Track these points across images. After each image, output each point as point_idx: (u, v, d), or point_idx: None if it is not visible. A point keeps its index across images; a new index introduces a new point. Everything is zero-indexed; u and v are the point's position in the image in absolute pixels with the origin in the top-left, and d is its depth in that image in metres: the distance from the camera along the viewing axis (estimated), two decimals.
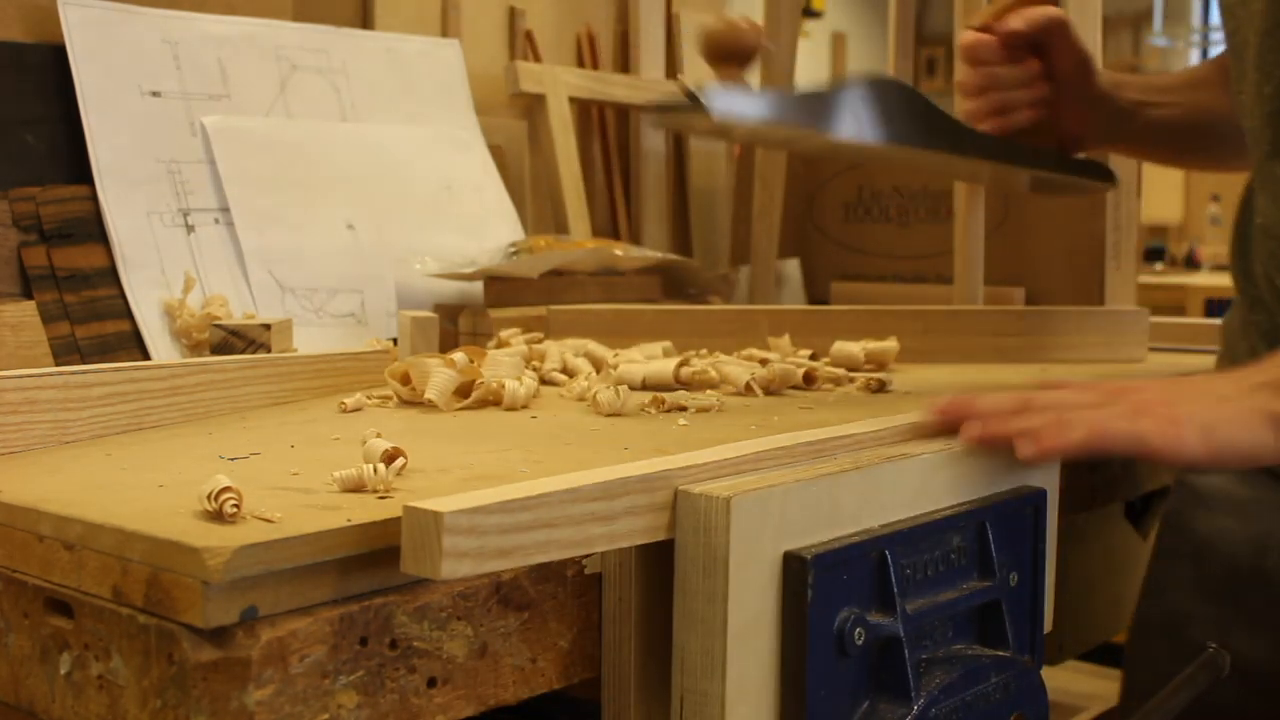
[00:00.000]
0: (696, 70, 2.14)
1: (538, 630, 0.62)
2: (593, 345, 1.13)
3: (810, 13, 5.83)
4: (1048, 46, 1.10)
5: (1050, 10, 1.08)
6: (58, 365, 1.08)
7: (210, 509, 0.56)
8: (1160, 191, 5.60)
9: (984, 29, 1.09)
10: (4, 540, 0.60)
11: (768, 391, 0.99)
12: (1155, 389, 0.73)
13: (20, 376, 0.77)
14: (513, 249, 1.41)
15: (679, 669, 0.62)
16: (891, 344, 1.14)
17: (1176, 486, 1.10)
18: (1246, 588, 0.98)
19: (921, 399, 0.88)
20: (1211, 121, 1.15)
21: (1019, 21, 1.07)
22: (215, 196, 1.26)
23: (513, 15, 1.87)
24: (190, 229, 1.23)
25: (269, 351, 1.06)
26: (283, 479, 0.66)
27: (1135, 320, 1.26)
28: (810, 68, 6.34)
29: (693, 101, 0.74)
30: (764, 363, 1.07)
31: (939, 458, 0.72)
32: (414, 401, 0.93)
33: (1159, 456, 0.70)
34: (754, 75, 1.06)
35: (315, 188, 1.33)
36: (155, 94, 1.25)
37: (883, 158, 1.30)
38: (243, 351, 1.05)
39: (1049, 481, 0.80)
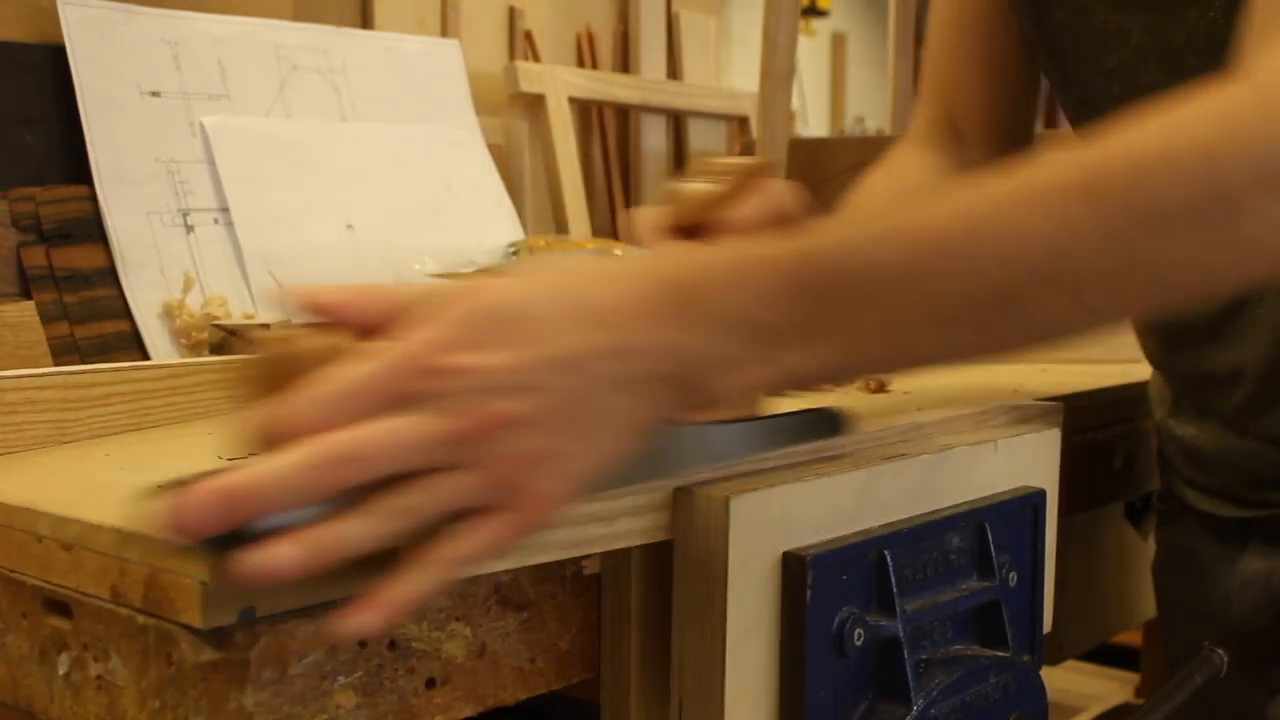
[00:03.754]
0: (696, 72, 2.15)
1: (537, 631, 0.62)
2: None
3: (816, 11, 5.82)
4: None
5: (782, 206, 0.79)
6: (57, 365, 1.08)
7: None
8: None
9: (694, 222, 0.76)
10: (2, 540, 0.60)
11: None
12: (529, 416, 0.48)
13: (20, 376, 0.77)
14: (512, 249, 1.41)
15: (678, 669, 0.62)
16: None
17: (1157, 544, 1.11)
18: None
19: (924, 398, 0.88)
20: None
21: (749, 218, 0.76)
22: (215, 196, 1.26)
23: (513, 15, 1.87)
24: (190, 229, 1.23)
25: None
26: None
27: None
28: (810, 68, 6.35)
29: None
30: None
31: (939, 458, 0.72)
32: None
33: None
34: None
35: (315, 188, 1.33)
36: (155, 94, 1.25)
37: None
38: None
39: (1049, 481, 0.80)
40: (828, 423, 0.70)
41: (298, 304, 0.50)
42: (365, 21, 1.65)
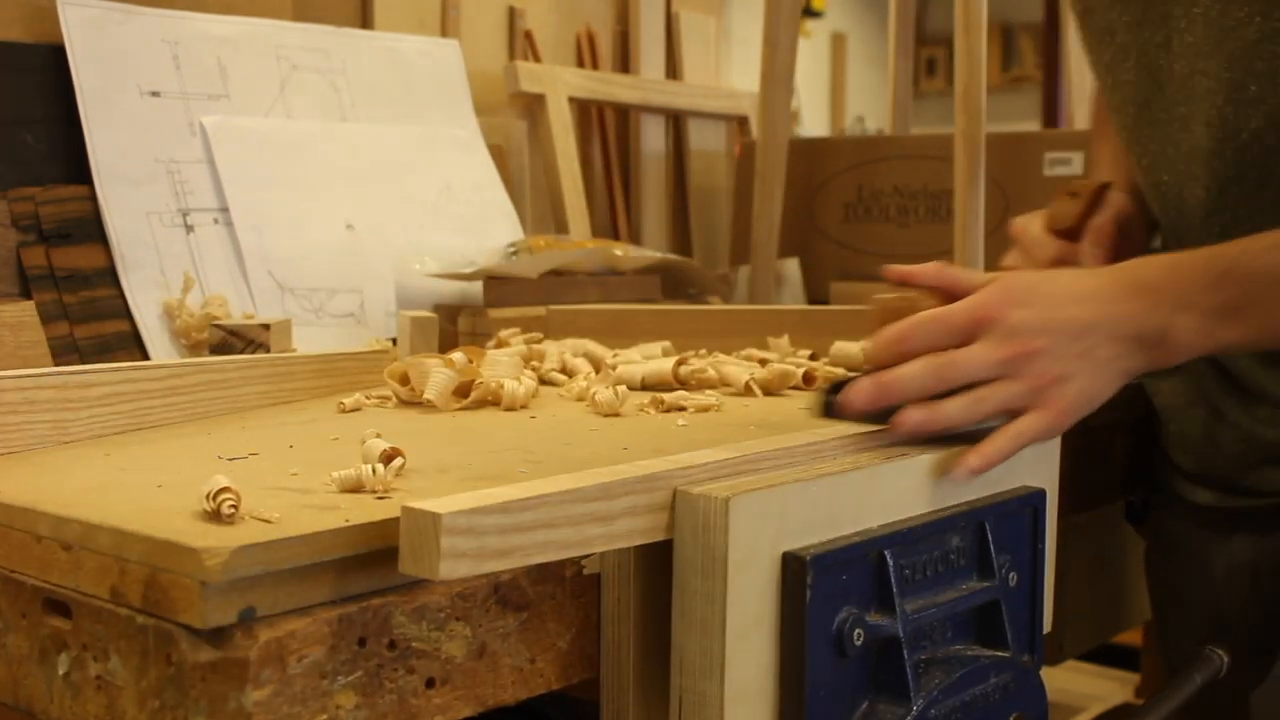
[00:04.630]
0: (696, 72, 2.14)
1: (536, 631, 0.62)
2: (592, 345, 1.13)
3: (811, 12, 5.82)
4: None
5: (1120, 213, 1.02)
6: (57, 365, 1.08)
7: (209, 509, 0.56)
8: None
9: (1063, 231, 1.02)
10: (2, 540, 0.60)
11: (767, 392, 0.99)
12: (1051, 349, 0.74)
13: (19, 376, 0.77)
14: (512, 249, 1.41)
15: (678, 669, 0.62)
16: None
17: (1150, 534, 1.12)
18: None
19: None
20: None
21: (1099, 249, 1.00)
22: (215, 196, 1.26)
23: (513, 15, 1.87)
24: (189, 229, 1.23)
25: (268, 351, 1.06)
26: (281, 479, 0.66)
27: None
28: (810, 68, 6.34)
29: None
30: (764, 363, 1.06)
31: (939, 457, 0.72)
32: (413, 402, 0.93)
33: (1047, 439, 0.76)
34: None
35: (315, 188, 1.33)
36: (155, 94, 1.25)
37: None
38: (242, 351, 1.05)
39: (1049, 481, 0.80)
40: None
41: (897, 276, 0.79)
42: (365, 21, 1.65)
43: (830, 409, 0.75)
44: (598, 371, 1.06)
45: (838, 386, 0.76)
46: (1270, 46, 0.88)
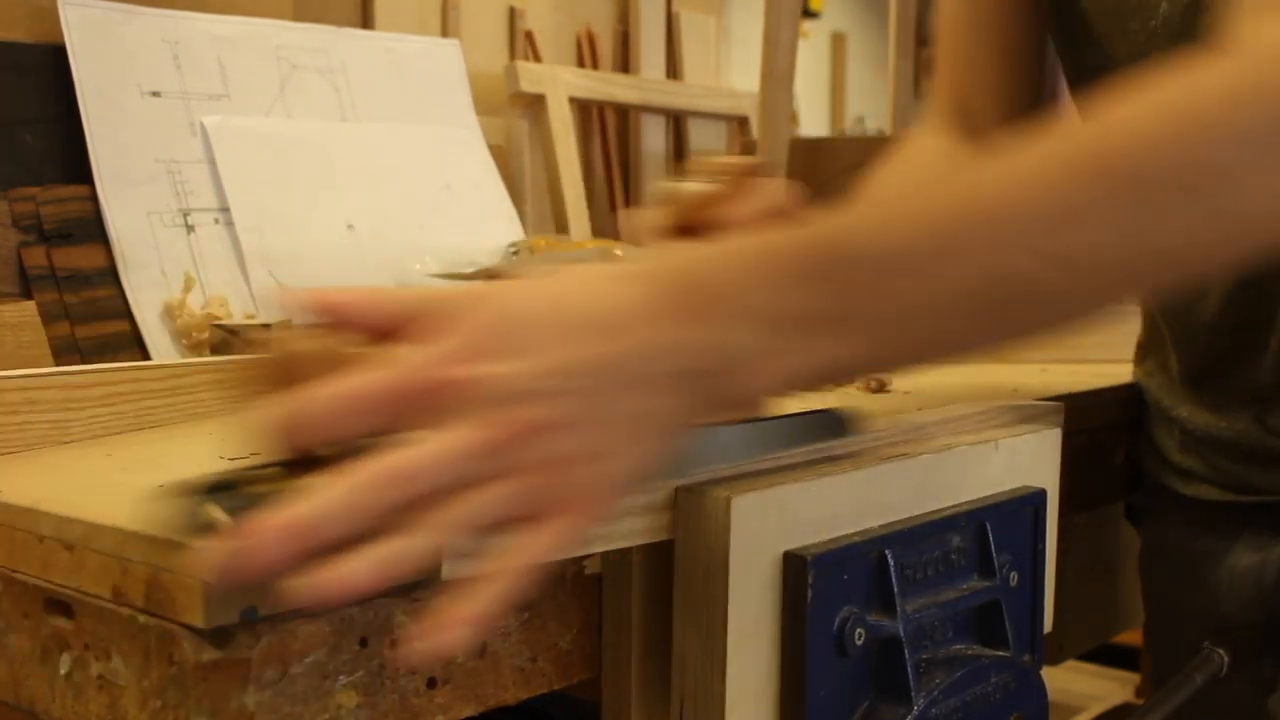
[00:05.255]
0: (697, 72, 2.15)
1: (538, 630, 0.62)
2: None
3: (809, 13, 5.83)
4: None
5: (778, 205, 0.75)
6: (58, 365, 1.08)
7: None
8: None
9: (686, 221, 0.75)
10: (4, 540, 0.60)
11: None
12: (561, 418, 0.49)
13: (20, 376, 0.77)
14: (513, 249, 1.41)
15: (679, 669, 0.62)
16: None
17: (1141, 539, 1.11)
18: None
19: (925, 398, 0.88)
20: None
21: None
22: (215, 196, 1.26)
23: (513, 15, 1.87)
24: (190, 229, 1.23)
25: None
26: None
27: (1134, 320, 1.26)
28: (811, 68, 6.34)
29: None
30: None
31: (939, 458, 0.72)
32: None
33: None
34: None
35: (315, 188, 1.33)
36: (155, 94, 1.25)
37: None
38: (243, 351, 1.05)
39: (1049, 481, 0.80)
40: (834, 424, 0.69)
41: (303, 305, 0.50)
42: (365, 21, 1.65)
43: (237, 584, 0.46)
44: None
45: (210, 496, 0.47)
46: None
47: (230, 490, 0.48)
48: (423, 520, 0.46)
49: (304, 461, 0.48)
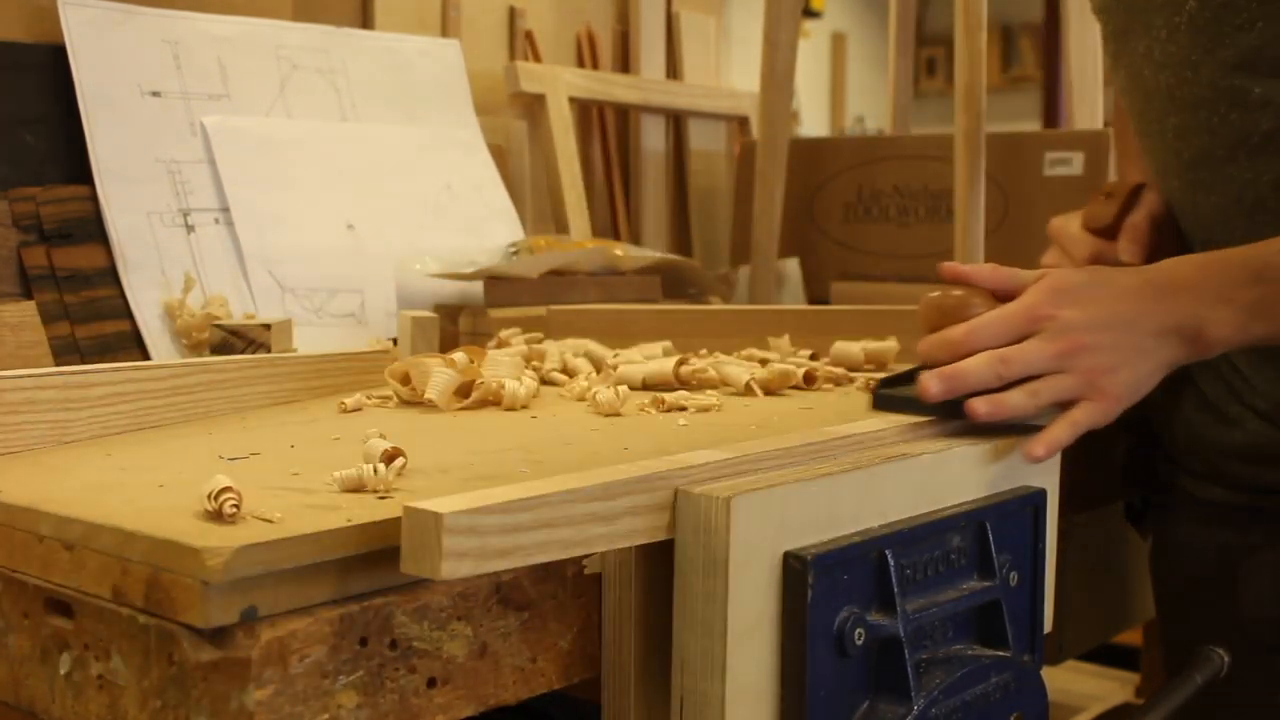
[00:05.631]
0: (697, 72, 2.14)
1: (538, 630, 0.62)
2: (592, 345, 1.13)
3: (810, 13, 5.83)
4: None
5: (1154, 211, 1.04)
6: (58, 365, 1.08)
7: (210, 509, 0.56)
8: None
9: (1098, 230, 1.05)
10: (4, 540, 0.60)
11: (767, 391, 0.99)
12: (1099, 344, 0.80)
13: (20, 376, 0.77)
14: (513, 249, 1.41)
15: (679, 669, 0.62)
16: (891, 344, 1.14)
17: (1153, 535, 1.12)
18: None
19: None
20: None
21: (1134, 246, 1.02)
22: (215, 196, 1.26)
23: (513, 15, 1.87)
24: (190, 229, 1.23)
25: (269, 351, 1.06)
26: (283, 479, 0.66)
27: None
28: (810, 68, 6.34)
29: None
30: (764, 363, 1.07)
31: (939, 458, 0.72)
32: (414, 401, 0.93)
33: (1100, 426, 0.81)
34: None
35: (315, 188, 1.33)
36: (155, 94, 1.25)
37: None
38: (243, 351, 1.05)
39: (1049, 481, 0.80)
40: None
41: (951, 275, 0.84)
42: (365, 21, 1.65)
43: (882, 401, 0.81)
44: (599, 371, 1.06)
45: (888, 381, 0.84)
46: (1274, 47, 0.88)
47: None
48: (1022, 388, 0.78)
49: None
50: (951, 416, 0.78)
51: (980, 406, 0.77)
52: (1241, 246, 0.86)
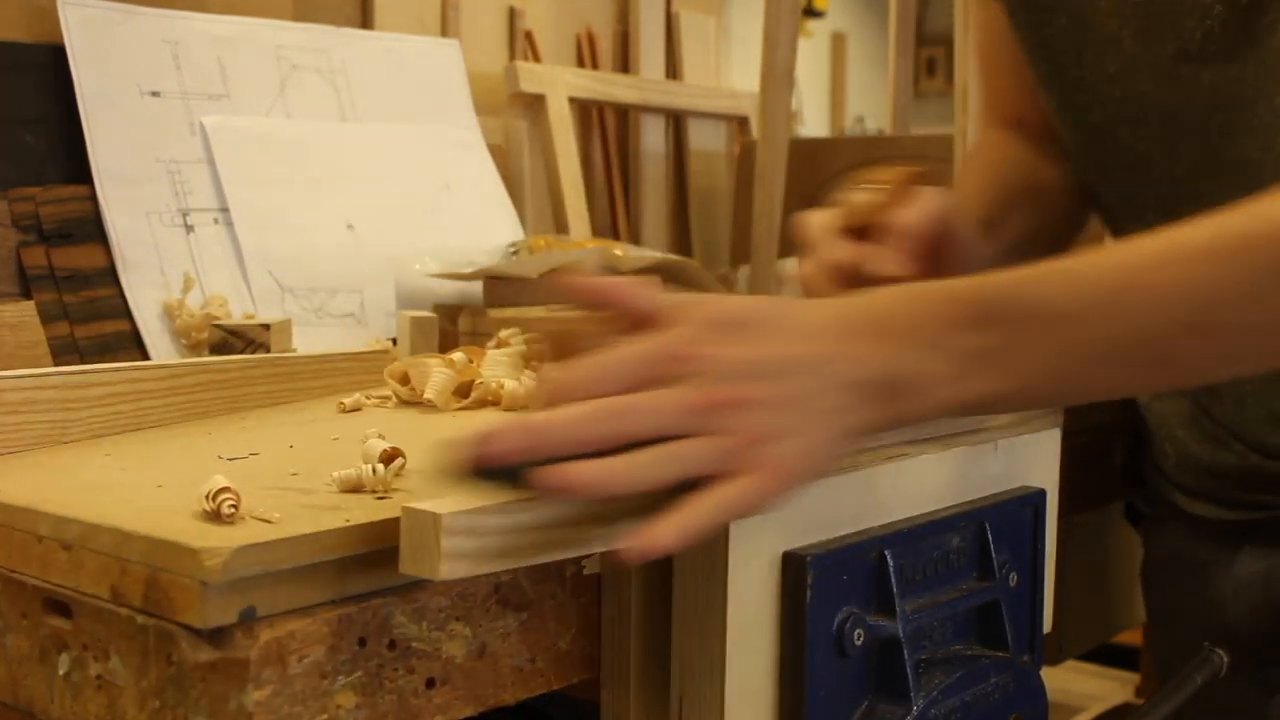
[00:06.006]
0: (697, 72, 2.14)
1: (537, 631, 0.62)
2: None
3: (813, 12, 5.83)
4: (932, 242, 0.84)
5: (938, 212, 0.82)
6: (57, 365, 1.08)
7: (208, 509, 0.56)
8: None
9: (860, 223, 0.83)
10: (2, 540, 0.60)
11: None
12: (761, 399, 0.57)
13: (20, 376, 0.77)
14: (512, 249, 1.41)
15: (678, 669, 0.62)
16: None
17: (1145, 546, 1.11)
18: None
19: None
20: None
21: (902, 253, 0.81)
22: (215, 196, 1.26)
23: (513, 15, 1.87)
24: (190, 229, 1.23)
25: (268, 351, 1.06)
26: (282, 479, 0.66)
27: None
28: (811, 68, 6.34)
29: None
30: None
31: (939, 458, 0.72)
32: (413, 401, 0.93)
33: (757, 512, 0.59)
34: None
35: (315, 188, 1.33)
36: (155, 94, 1.25)
37: None
38: (242, 352, 1.05)
39: (1049, 481, 0.80)
40: None
41: (583, 292, 0.62)
42: (365, 21, 1.65)
43: (461, 475, 0.54)
44: None
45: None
46: None
47: None
48: (648, 451, 0.55)
49: None
50: (551, 494, 0.54)
51: (580, 473, 0.53)
52: (974, 275, 0.65)
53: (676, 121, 2.08)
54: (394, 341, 1.16)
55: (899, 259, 0.79)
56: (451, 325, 1.32)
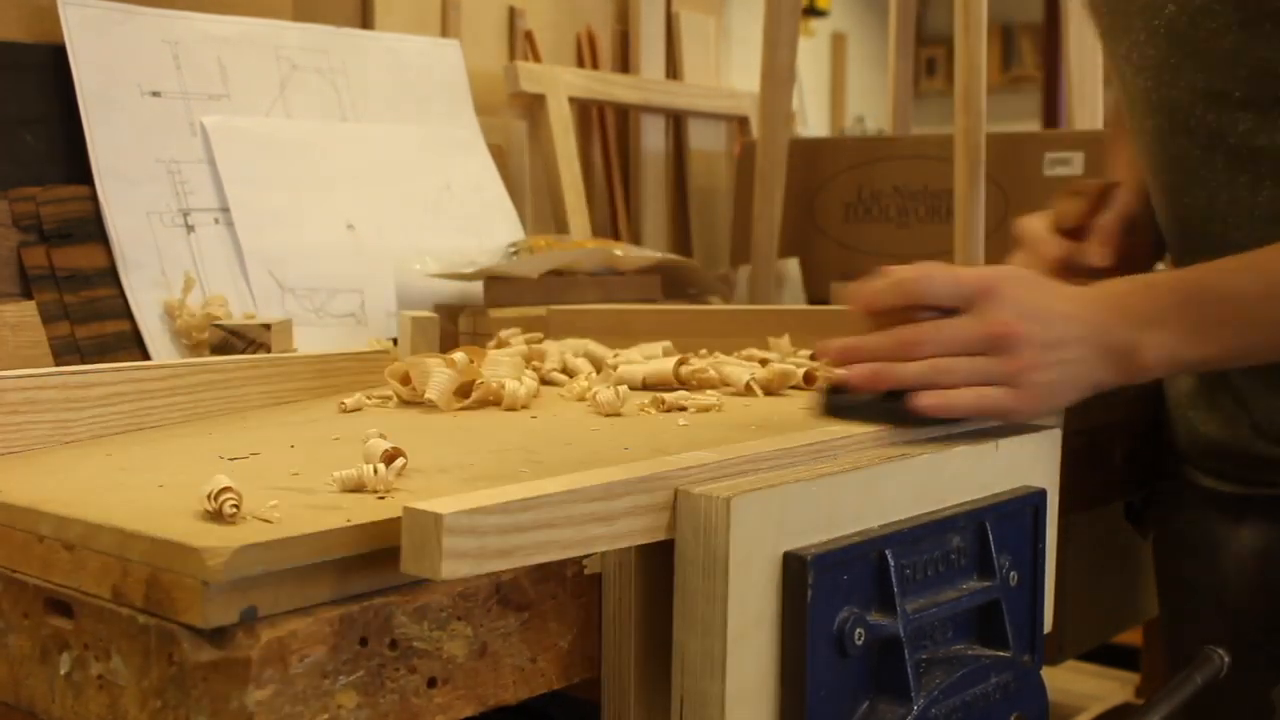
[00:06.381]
0: (697, 72, 2.14)
1: (538, 630, 0.62)
2: (592, 345, 1.13)
3: (815, 11, 5.82)
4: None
5: (1126, 212, 1.02)
6: (58, 365, 1.08)
7: (210, 509, 0.56)
8: None
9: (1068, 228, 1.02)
10: (4, 540, 0.60)
11: (767, 391, 0.99)
12: (1030, 338, 0.76)
13: (21, 376, 0.77)
14: (512, 249, 1.41)
15: (679, 669, 0.62)
16: None
17: (1157, 527, 1.13)
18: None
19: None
20: None
21: (1104, 247, 1.00)
22: (215, 196, 1.26)
23: (513, 15, 1.87)
24: (190, 229, 1.23)
25: (269, 351, 1.06)
26: (283, 479, 0.66)
27: None
28: (811, 67, 6.34)
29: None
30: (764, 363, 1.07)
31: (939, 458, 0.72)
32: (414, 401, 0.93)
33: (1011, 420, 0.78)
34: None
35: (315, 188, 1.33)
36: (155, 94, 1.25)
37: None
38: (243, 351, 1.05)
39: (1049, 481, 0.80)
40: None
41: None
42: (365, 21, 1.65)
43: (831, 408, 0.77)
44: (599, 371, 1.06)
45: (838, 388, 0.77)
46: (1251, 53, 0.88)
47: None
48: (969, 387, 0.75)
49: None
50: (902, 422, 0.74)
51: (925, 399, 0.73)
52: (1180, 269, 0.85)
53: (676, 121, 2.08)
54: (394, 341, 1.16)
55: (1102, 253, 0.99)
56: (452, 325, 1.32)
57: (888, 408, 0.75)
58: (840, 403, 0.77)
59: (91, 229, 1.16)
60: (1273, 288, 0.83)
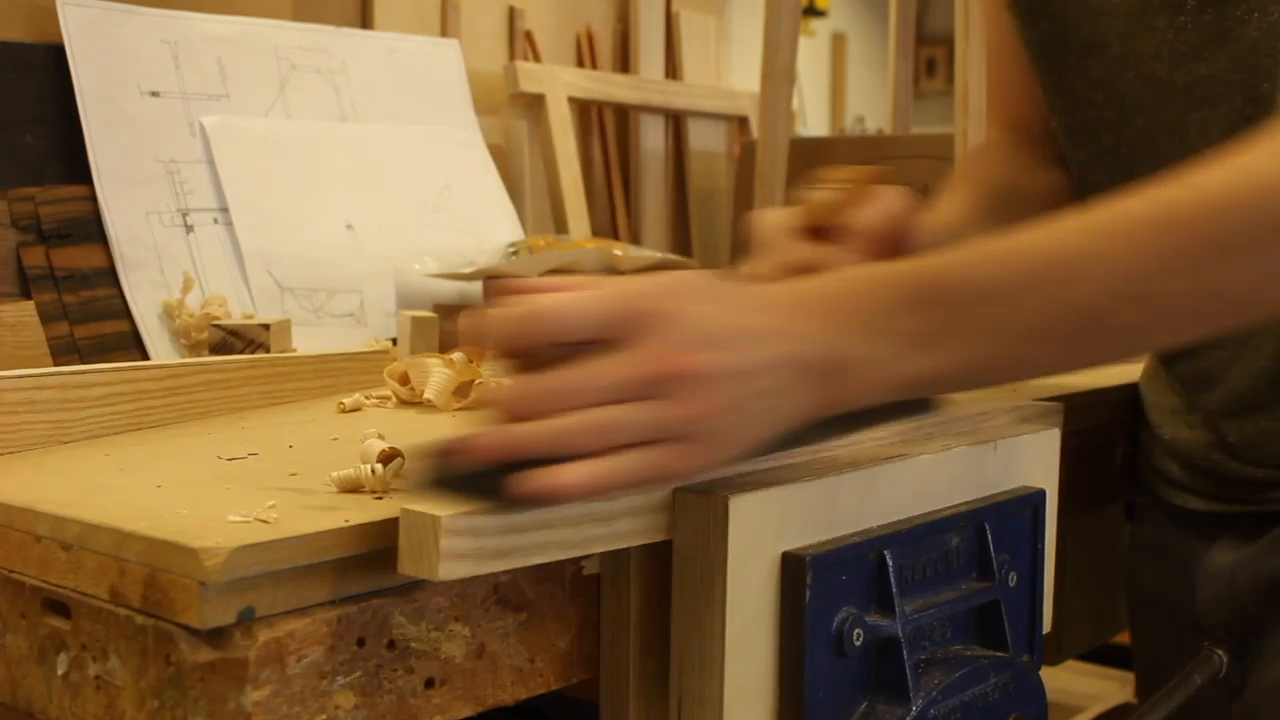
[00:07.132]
0: (696, 72, 2.15)
1: (536, 631, 0.62)
2: None
3: (815, 11, 5.83)
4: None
5: (896, 211, 0.80)
6: (56, 365, 1.08)
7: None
8: None
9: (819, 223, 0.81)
10: (1, 540, 0.60)
11: None
12: (703, 371, 0.57)
13: (19, 377, 0.77)
14: (512, 249, 1.41)
15: (677, 670, 0.62)
16: None
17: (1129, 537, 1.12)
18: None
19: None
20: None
21: (861, 255, 0.77)
22: (214, 196, 1.26)
23: (513, 15, 1.88)
24: (189, 229, 1.23)
25: (268, 351, 1.06)
26: (281, 479, 0.66)
27: None
28: (811, 67, 6.34)
29: None
30: None
31: (938, 458, 0.71)
32: (413, 402, 0.93)
33: (682, 482, 0.61)
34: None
35: (315, 188, 1.33)
36: (154, 94, 1.25)
37: None
38: (242, 351, 1.05)
39: (1049, 481, 0.80)
40: (917, 403, 0.72)
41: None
42: (365, 21, 1.65)
43: (440, 478, 0.54)
44: None
45: (454, 449, 0.55)
46: (1272, 41, 0.87)
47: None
48: (585, 416, 0.55)
49: None
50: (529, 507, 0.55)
51: (538, 483, 0.53)
52: (913, 259, 0.66)
53: (676, 121, 2.08)
54: (394, 341, 1.16)
55: (856, 260, 0.76)
56: (451, 325, 1.32)
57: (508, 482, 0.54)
58: (450, 473, 0.54)
59: (90, 229, 1.16)
60: (1031, 278, 0.62)
